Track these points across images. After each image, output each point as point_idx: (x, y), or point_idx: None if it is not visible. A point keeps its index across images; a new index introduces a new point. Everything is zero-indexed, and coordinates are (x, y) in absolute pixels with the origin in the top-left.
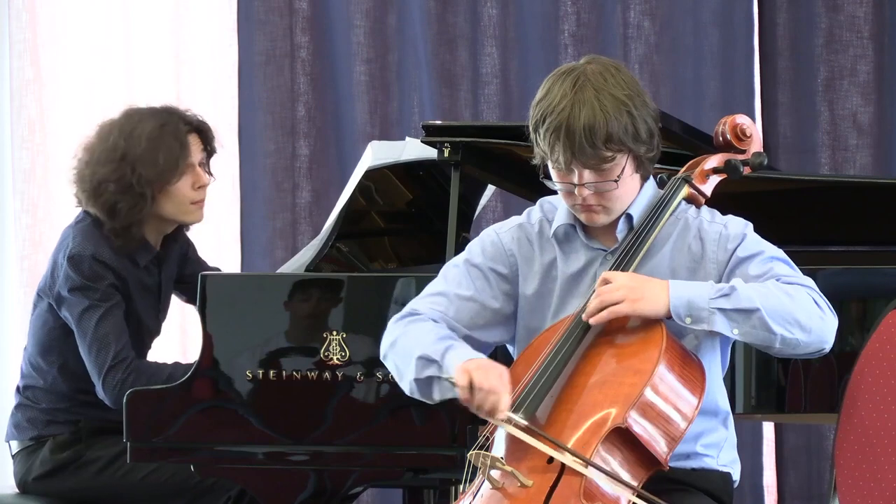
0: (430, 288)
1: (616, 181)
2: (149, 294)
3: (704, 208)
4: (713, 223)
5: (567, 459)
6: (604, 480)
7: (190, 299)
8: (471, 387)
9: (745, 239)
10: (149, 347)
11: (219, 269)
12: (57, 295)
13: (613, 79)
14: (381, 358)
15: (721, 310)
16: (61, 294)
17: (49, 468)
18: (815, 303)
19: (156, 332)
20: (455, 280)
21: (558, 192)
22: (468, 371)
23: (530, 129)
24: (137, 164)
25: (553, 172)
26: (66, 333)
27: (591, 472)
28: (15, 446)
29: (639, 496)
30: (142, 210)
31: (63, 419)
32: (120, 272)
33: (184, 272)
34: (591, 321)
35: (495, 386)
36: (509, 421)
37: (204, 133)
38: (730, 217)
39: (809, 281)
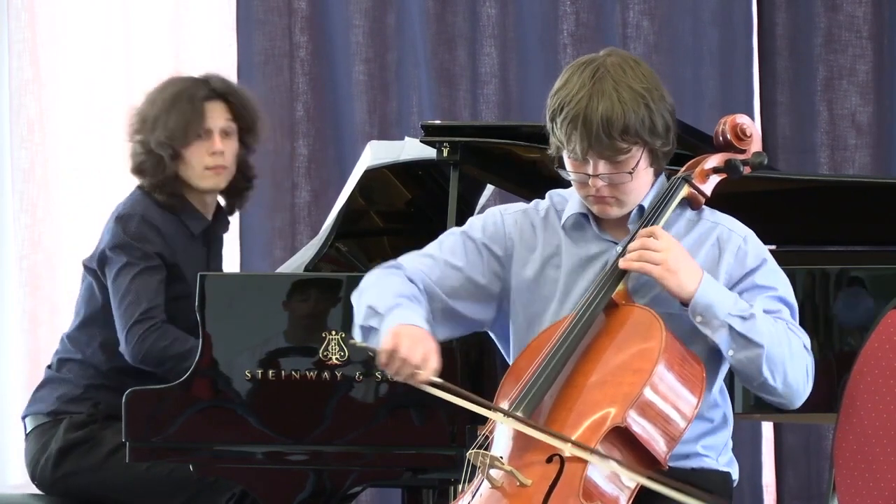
0: (424, 249)
1: (630, 173)
2: (197, 270)
3: (721, 215)
4: (733, 233)
5: (568, 448)
6: (603, 479)
7: None
8: (393, 352)
9: (764, 265)
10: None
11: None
12: (101, 255)
13: (633, 71)
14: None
15: (731, 328)
16: (105, 253)
17: (61, 446)
18: (806, 367)
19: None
20: (448, 247)
21: (572, 182)
22: (396, 335)
23: (546, 118)
24: (154, 127)
25: (568, 162)
26: (110, 308)
27: (591, 468)
28: (30, 423)
29: (649, 479)
30: (164, 171)
31: (84, 396)
32: (169, 237)
33: None
34: (621, 264)
35: (416, 358)
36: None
37: (231, 102)
38: (747, 230)
39: (807, 339)
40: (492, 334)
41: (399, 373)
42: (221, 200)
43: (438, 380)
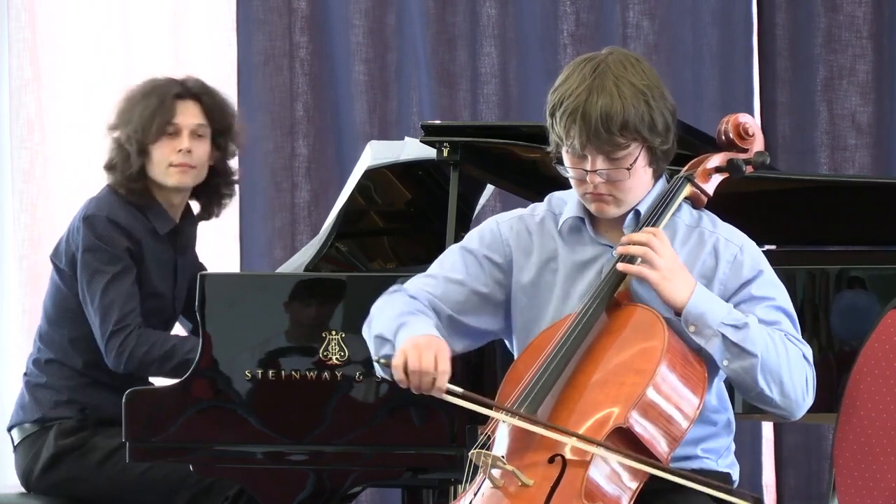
0: (426, 272)
1: (628, 170)
2: (165, 269)
3: (720, 223)
4: (729, 243)
5: (573, 443)
6: (605, 480)
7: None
8: (405, 366)
9: (761, 276)
10: (169, 327)
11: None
12: (72, 256)
13: (633, 69)
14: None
15: (724, 337)
16: (76, 255)
17: (53, 453)
18: (806, 377)
19: (171, 310)
20: (448, 264)
21: (570, 180)
22: (402, 351)
23: (547, 114)
24: (127, 122)
25: (566, 158)
26: (78, 303)
27: (593, 469)
28: (17, 435)
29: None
30: (130, 167)
31: (69, 399)
32: (135, 235)
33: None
34: (619, 267)
35: (428, 366)
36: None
37: (205, 103)
38: (744, 239)
39: (808, 349)
40: (507, 342)
41: (420, 386)
42: (196, 206)
43: (459, 389)
